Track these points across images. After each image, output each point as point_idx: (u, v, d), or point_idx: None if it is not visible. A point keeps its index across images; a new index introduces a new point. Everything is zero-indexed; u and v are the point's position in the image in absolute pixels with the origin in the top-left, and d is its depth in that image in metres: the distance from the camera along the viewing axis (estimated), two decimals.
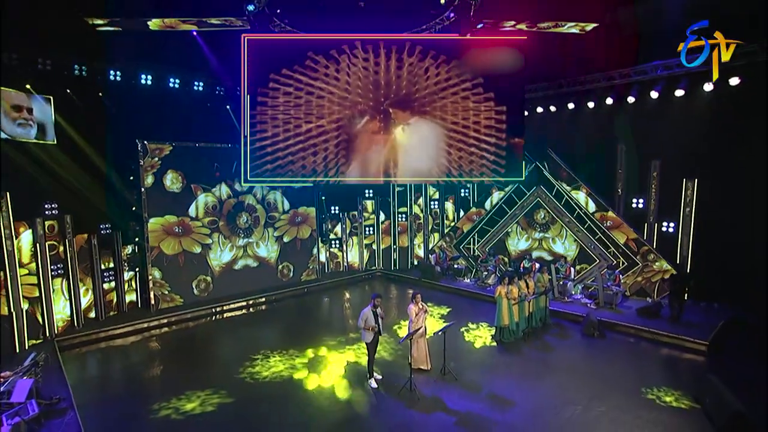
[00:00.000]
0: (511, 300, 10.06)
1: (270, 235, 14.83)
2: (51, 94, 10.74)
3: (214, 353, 9.87)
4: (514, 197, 15.23)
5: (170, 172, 12.43)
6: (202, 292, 13.30)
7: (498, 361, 9.21)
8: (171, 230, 12.51)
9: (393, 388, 7.93)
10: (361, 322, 7.86)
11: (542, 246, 14.66)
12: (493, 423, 6.79)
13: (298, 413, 7.23)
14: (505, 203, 15.46)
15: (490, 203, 15.77)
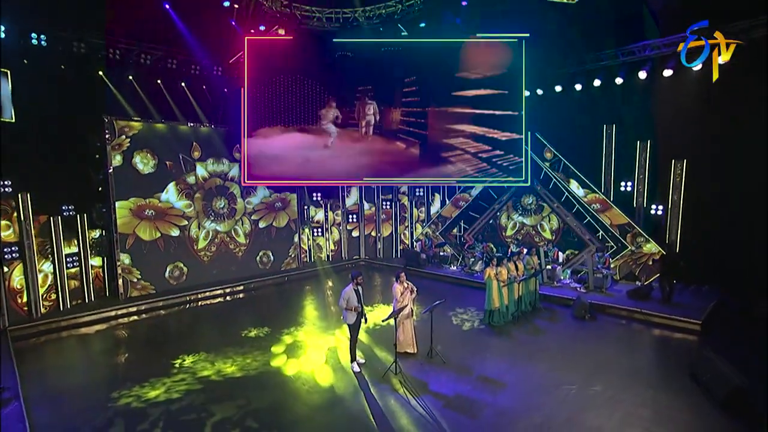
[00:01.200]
0: (501, 282, 9.62)
1: (248, 221, 14.11)
2: (7, 68, 9.82)
3: (185, 341, 9.16)
4: None
5: (140, 152, 11.63)
6: (175, 280, 12.51)
7: (488, 343, 8.74)
8: (141, 213, 11.71)
9: (377, 372, 7.38)
10: (343, 302, 7.29)
11: (531, 230, 14.30)
12: (483, 405, 6.29)
13: (273, 398, 6.62)
14: (492, 188, 15.05)
15: (476, 188, 15.34)
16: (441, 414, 6.08)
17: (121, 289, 11.38)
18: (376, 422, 5.94)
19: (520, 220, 14.65)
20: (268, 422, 5.99)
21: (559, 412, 6.08)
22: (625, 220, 12.16)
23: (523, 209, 14.58)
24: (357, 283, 7.37)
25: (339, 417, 6.13)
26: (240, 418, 6.11)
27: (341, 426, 5.93)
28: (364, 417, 6.08)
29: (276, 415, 6.18)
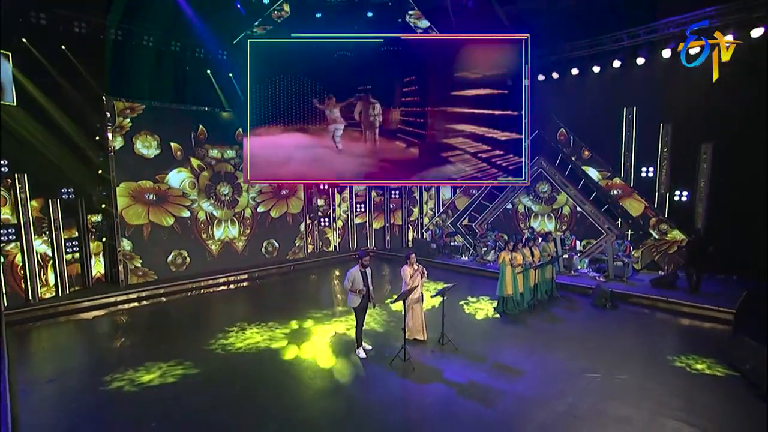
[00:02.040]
0: (515, 267, 9.11)
1: (252, 208, 13.76)
2: (7, 50, 9.57)
3: (184, 326, 8.82)
4: None
5: (142, 135, 11.32)
6: (178, 267, 12.20)
7: (502, 331, 8.25)
8: (142, 197, 11.40)
9: (385, 358, 6.94)
10: (348, 283, 6.85)
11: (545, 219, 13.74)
12: (500, 393, 5.81)
13: (274, 384, 6.22)
14: None
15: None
16: (454, 401, 5.62)
17: (121, 275, 11.07)
18: (383, 409, 5.50)
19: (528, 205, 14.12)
20: (267, 407, 5.58)
21: (582, 400, 5.58)
22: (648, 206, 11.55)
23: (536, 197, 14.02)
24: (363, 265, 6.94)
25: (342, 403, 5.70)
26: (238, 402, 5.71)
27: (344, 412, 5.50)
28: (369, 403, 5.65)
29: (276, 400, 5.77)
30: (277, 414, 5.41)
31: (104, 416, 5.43)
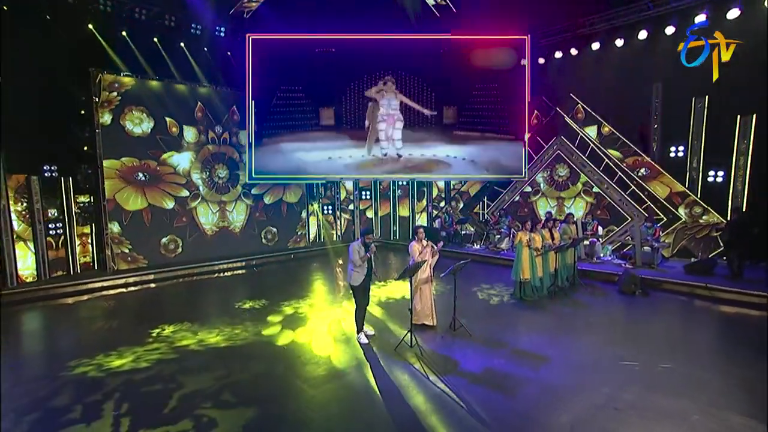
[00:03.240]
0: (534, 250, 8.23)
1: (250, 194, 13.04)
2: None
3: (170, 312, 8.08)
4: (530, 152, 13.40)
5: (133, 111, 10.66)
6: (171, 253, 11.51)
7: (521, 317, 7.37)
8: (131, 177, 10.73)
9: (389, 345, 6.12)
10: (356, 255, 6.03)
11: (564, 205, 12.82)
12: (523, 381, 4.94)
13: (259, 370, 5.42)
14: None
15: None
16: (467, 391, 4.77)
17: (109, 261, 10.40)
18: (384, 397, 4.67)
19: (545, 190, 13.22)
20: (248, 396, 4.78)
21: (623, 391, 4.68)
22: (679, 187, 10.58)
23: (553, 181, 13.10)
24: (365, 243, 6.13)
25: (339, 391, 4.88)
26: (215, 390, 4.92)
27: (340, 400, 4.68)
28: (370, 392, 4.82)
29: (259, 387, 4.97)
30: (260, 403, 4.61)
31: (54, 403, 4.67)
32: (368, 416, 4.35)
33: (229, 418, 4.35)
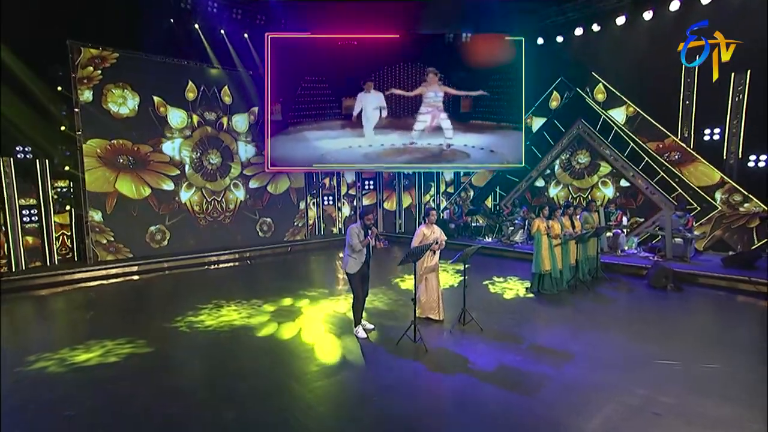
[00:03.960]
0: (553, 238, 7.72)
1: (245, 182, 12.63)
2: None
3: (150, 304, 7.69)
4: (546, 137, 12.87)
5: (116, 89, 10.28)
6: (157, 244, 11.13)
7: (538, 311, 6.87)
8: (115, 161, 10.36)
9: (390, 339, 5.65)
10: (355, 239, 5.56)
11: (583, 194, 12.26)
12: (543, 379, 4.44)
13: (241, 365, 4.97)
14: (534, 145, 13.09)
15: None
16: (478, 390, 4.27)
17: (89, 251, 10.03)
18: (382, 397, 4.19)
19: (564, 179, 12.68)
20: (228, 393, 4.33)
21: (662, 393, 4.16)
22: (714, 173, 9.98)
23: (572, 168, 12.54)
24: (365, 225, 5.66)
25: (330, 389, 4.41)
26: (191, 387, 4.48)
27: (332, 400, 4.21)
28: (366, 391, 4.34)
29: (241, 384, 4.52)
30: (241, 401, 4.15)
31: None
32: (362, 418, 3.88)
33: (203, 419, 3.90)
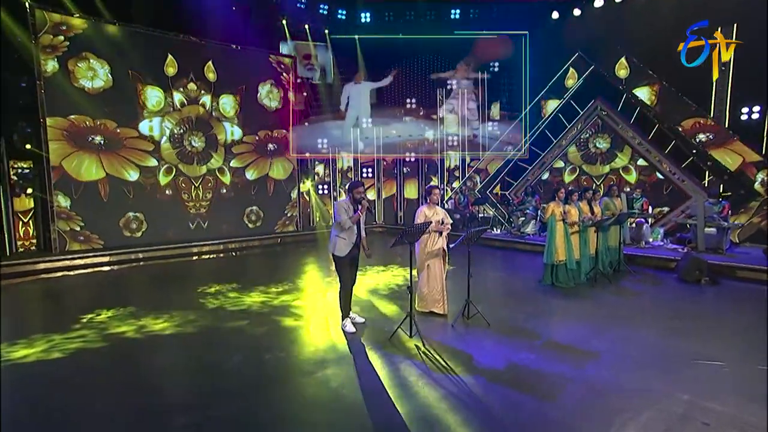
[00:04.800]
0: (569, 225, 7.15)
1: (231, 167, 12.11)
2: None
3: (115, 296, 7.17)
4: (561, 119, 12.29)
5: (84, 60, 9.77)
6: (132, 233, 10.63)
7: (554, 305, 6.32)
8: (84, 141, 9.86)
9: (382, 334, 5.12)
10: (344, 216, 5.02)
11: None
12: (564, 380, 3.89)
13: (205, 362, 4.45)
14: (548, 128, 12.53)
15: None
16: (485, 391, 3.73)
17: (55, 240, 9.52)
18: (368, 399, 3.65)
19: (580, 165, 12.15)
20: (184, 395, 3.81)
21: (711, 399, 3.59)
22: (753, 156, 9.38)
23: (590, 154, 11.97)
24: (355, 199, 5.13)
25: (308, 390, 3.87)
26: (140, 388, 3.96)
27: (309, 403, 3.67)
28: (351, 392, 3.80)
29: (201, 384, 3.99)
30: (198, 405, 3.62)
31: None
32: (345, 424, 3.35)
33: (149, 427, 3.37)
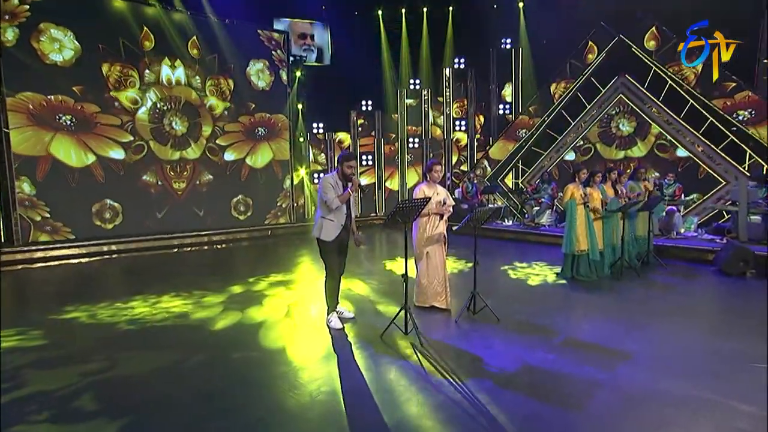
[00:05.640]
0: (591, 211, 6.60)
1: (217, 151, 11.62)
2: None
3: (70, 290, 6.71)
4: (580, 97, 11.71)
5: (49, 30, 9.29)
6: (106, 223, 10.17)
7: (574, 300, 5.78)
8: (51, 120, 9.40)
9: (373, 330, 4.60)
10: (331, 194, 4.51)
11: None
12: (592, 385, 3.35)
13: (166, 360, 3.95)
14: (565, 108, 11.95)
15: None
16: (493, 398, 3.19)
17: (17, 230, 9.06)
18: (353, 406, 3.13)
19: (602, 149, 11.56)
20: (126, 399, 3.31)
21: None
22: None
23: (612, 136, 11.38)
24: (344, 174, 4.61)
25: (281, 397, 3.36)
26: (74, 390, 3.46)
27: (282, 410, 3.16)
28: (332, 398, 3.28)
29: (150, 387, 3.49)
30: (139, 411, 3.13)
31: None
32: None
33: None
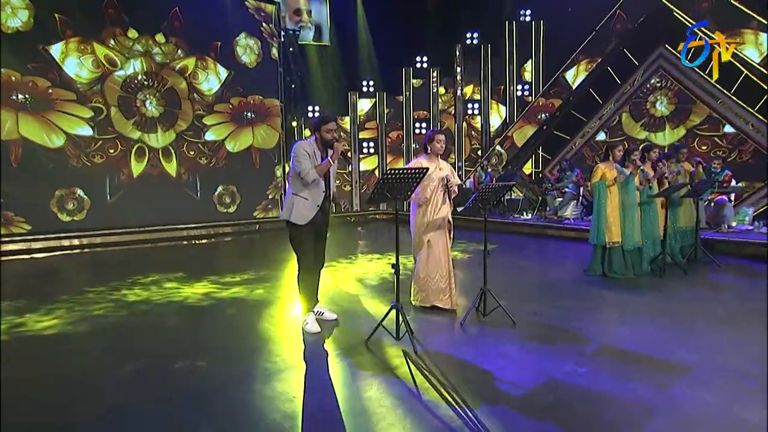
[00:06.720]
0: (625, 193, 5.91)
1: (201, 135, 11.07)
2: None
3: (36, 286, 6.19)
4: (611, 73, 11.01)
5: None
6: (69, 215, 9.65)
7: (607, 300, 5.11)
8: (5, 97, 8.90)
9: (357, 336, 3.97)
10: (303, 162, 3.89)
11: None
12: (636, 407, 2.68)
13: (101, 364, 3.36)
14: (593, 86, 11.26)
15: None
16: (507, 425, 2.53)
17: None
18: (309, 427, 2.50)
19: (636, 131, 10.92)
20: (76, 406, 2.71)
21: None
22: None
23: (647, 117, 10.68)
24: (323, 140, 4.00)
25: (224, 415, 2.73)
26: None
27: None
28: (289, 418, 2.64)
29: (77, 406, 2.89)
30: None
31: None
32: None
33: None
